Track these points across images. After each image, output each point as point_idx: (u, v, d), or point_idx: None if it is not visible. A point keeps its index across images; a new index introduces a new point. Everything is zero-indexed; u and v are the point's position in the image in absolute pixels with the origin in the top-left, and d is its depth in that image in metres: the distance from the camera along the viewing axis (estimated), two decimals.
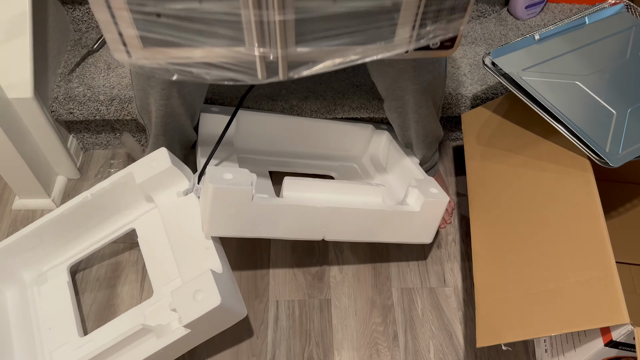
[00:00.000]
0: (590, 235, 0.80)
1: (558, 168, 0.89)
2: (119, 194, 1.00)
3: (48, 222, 0.97)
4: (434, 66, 0.92)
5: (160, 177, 0.96)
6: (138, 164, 0.97)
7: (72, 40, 1.25)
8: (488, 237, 0.94)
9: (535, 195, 0.90)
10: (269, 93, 1.18)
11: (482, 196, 1.00)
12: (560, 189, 0.87)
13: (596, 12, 1.05)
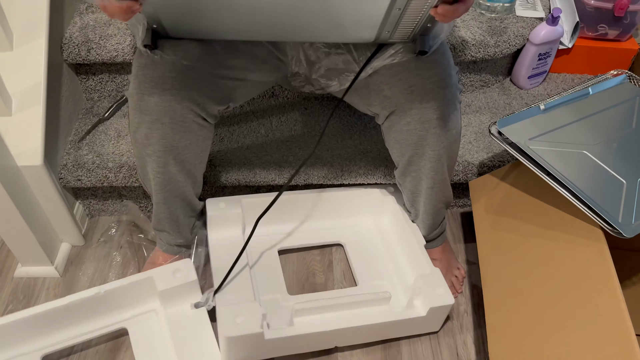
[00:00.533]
0: (608, 309, 0.77)
1: (570, 238, 0.88)
2: (130, 293, 1.01)
3: (53, 309, 0.95)
4: (452, 133, 0.93)
5: (181, 287, 0.99)
6: (161, 271, 1.01)
7: (84, 108, 1.27)
8: (501, 309, 0.91)
9: (548, 266, 0.88)
10: (277, 159, 1.19)
11: (494, 266, 0.98)
12: (574, 260, 0.85)
13: (599, 83, 1.07)
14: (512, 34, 1.24)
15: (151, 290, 1.01)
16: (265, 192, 1.26)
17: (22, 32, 1.08)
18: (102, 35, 1.16)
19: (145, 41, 0.82)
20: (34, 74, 1.06)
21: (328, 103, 1.32)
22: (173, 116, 0.88)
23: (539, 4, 1.32)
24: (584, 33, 1.34)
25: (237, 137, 1.23)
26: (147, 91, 0.87)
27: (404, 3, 0.71)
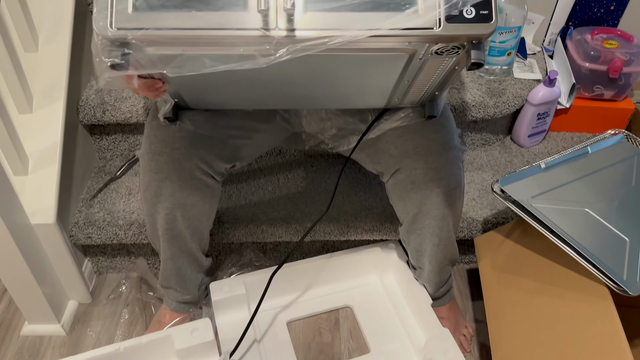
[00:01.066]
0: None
1: (577, 296, 0.88)
2: (149, 351, 1.02)
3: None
4: (456, 191, 0.95)
5: (199, 347, 1.00)
6: (179, 330, 1.02)
7: (97, 167, 1.31)
8: None
9: (556, 325, 0.88)
10: (283, 216, 1.21)
11: (502, 325, 0.97)
12: (582, 319, 0.85)
13: (598, 142, 1.10)
14: (510, 95, 1.28)
15: (169, 348, 1.02)
16: (271, 248, 1.27)
17: (42, 95, 1.13)
18: (117, 98, 1.21)
19: (167, 114, 0.87)
20: (51, 135, 1.10)
21: (334, 160, 1.36)
22: (181, 174, 0.92)
23: (536, 67, 1.38)
24: (581, 93, 1.38)
25: (245, 193, 1.26)
26: (157, 151, 0.91)
27: (412, 76, 0.75)
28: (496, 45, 1.27)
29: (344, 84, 0.79)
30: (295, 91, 0.82)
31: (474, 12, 0.63)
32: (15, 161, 1.04)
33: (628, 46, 1.33)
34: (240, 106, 0.91)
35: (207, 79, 0.76)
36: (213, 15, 0.61)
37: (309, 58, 0.67)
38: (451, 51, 0.66)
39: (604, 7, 1.42)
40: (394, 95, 0.85)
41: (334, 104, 0.92)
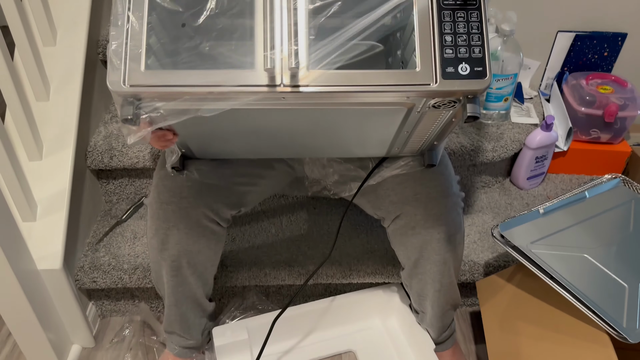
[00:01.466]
0: None
1: (577, 342, 0.89)
2: None
3: None
4: (456, 236, 0.97)
5: None
6: None
7: (103, 211, 1.33)
8: None
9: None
10: (286, 259, 1.22)
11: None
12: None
13: (595, 187, 1.12)
14: (508, 140, 1.31)
15: None
16: (274, 291, 1.28)
17: (52, 142, 1.16)
18: (124, 143, 1.25)
19: (174, 164, 0.90)
20: (59, 182, 1.12)
21: (336, 203, 1.38)
22: (188, 222, 0.94)
23: (533, 111, 1.41)
24: (578, 137, 1.41)
25: (248, 236, 1.28)
26: (165, 200, 0.93)
27: (411, 128, 0.79)
28: (493, 91, 1.31)
29: (346, 135, 0.82)
30: (298, 142, 0.85)
31: (469, 69, 0.66)
32: (25, 208, 1.07)
33: (622, 91, 1.37)
34: (245, 156, 0.94)
35: (214, 130, 0.79)
36: (221, 73, 0.65)
37: (312, 111, 0.70)
38: (448, 105, 0.69)
39: (598, 53, 1.47)
40: (393, 145, 0.87)
41: (335, 153, 0.95)
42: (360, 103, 0.69)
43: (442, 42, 0.67)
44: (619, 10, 1.41)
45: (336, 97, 0.67)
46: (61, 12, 1.26)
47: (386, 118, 0.75)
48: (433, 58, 0.66)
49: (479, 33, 0.67)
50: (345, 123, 0.77)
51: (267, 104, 0.68)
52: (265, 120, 0.76)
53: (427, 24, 0.67)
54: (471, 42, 0.67)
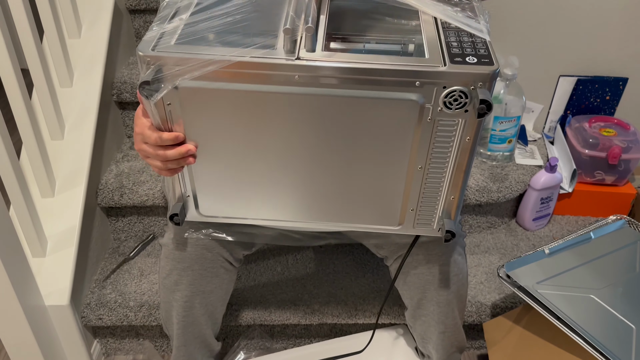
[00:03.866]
0: None
1: None
2: None
3: None
4: (459, 277, 0.97)
5: None
6: None
7: (111, 248, 1.34)
8: None
9: None
10: (292, 298, 1.22)
11: None
12: None
13: (600, 228, 1.13)
14: (513, 181, 1.33)
15: None
16: (279, 330, 1.27)
17: (65, 180, 1.19)
18: (135, 182, 1.27)
19: (174, 210, 0.85)
20: (70, 219, 1.14)
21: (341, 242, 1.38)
22: (203, 263, 0.94)
23: (537, 153, 1.43)
24: (583, 178, 1.42)
25: (254, 274, 1.28)
26: (182, 241, 0.94)
27: (425, 156, 0.76)
28: (497, 133, 1.33)
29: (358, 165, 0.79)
30: (310, 205, 0.84)
31: (476, 60, 0.68)
32: (35, 244, 1.08)
33: (625, 134, 1.38)
34: (252, 215, 0.88)
35: (228, 164, 0.79)
36: (243, 49, 0.69)
37: (324, 107, 0.71)
38: (459, 101, 0.69)
39: (600, 97, 1.49)
40: (407, 203, 0.82)
41: (344, 220, 0.87)
42: (372, 82, 0.69)
43: (449, 45, 0.70)
44: (619, 55, 1.45)
45: (347, 72, 0.68)
46: (78, 55, 1.32)
47: (398, 123, 0.73)
48: (440, 49, 0.69)
49: (482, 43, 0.71)
50: (357, 131, 0.75)
51: (282, 82, 0.69)
52: (277, 134, 0.76)
53: (435, 32, 0.72)
54: (476, 47, 0.70)
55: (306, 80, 0.69)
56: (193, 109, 0.73)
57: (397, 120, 0.73)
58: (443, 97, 0.69)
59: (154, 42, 0.70)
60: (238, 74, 0.69)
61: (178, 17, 0.75)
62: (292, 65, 0.68)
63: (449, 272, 0.95)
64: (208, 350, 1.07)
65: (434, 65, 0.67)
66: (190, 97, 0.72)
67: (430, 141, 0.75)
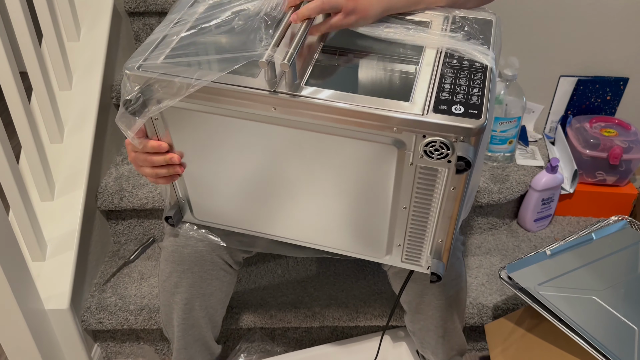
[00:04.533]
0: None
1: None
2: None
3: None
4: (457, 281, 0.96)
5: None
6: None
7: (111, 251, 1.34)
8: None
9: None
10: (292, 300, 1.21)
11: None
12: None
13: (602, 229, 1.12)
14: (514, 182, 1.32)
15: None
16: (280, 333, 1.27)
17: (64, 183, 1.19)
18: (135, 185, 1.27)
19: (169, 213, 0.87)
20: (70, 222, 1.14)
21: None
22: (203, 265, 0.94)
23: (538, 153, 1.43)
24: (584, 179, 1.42)
25: (255, 277, 1.28)
26: (182, 244, 0.94)
27: (408, 197, 0.73)
28: (497, 134, 1.33)
29: (341, 197, 0.77)
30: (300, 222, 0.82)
31: (463, 110, 0.64)
32: (35, 248, 1.08)
33: (626, 134, 1.38)
34: (244, 226, 0.88)
35: (214, 171, 0.79)
36: (227, 75, 0.68)
37: (302, 138, 0.70)
38: (440, 152, 0.66)
39: (601, 97, 1.49)
40: (393, 238, 0.80)
41: (331, 244, 0.85)
42: (349, 124, 0.67)
43: (440, 88, 0.67)
44: (619, 55, 1.44)
45: (324, 111, 0.66)
46: (78, 58, 1.31)
47: (378, 164, 0.71)
48: (428, 95, 0.66)
49: (479, 87, 0.67)
50: (338, 166, 0.73)
51: (260, 111, 0.69)
52: (258, 157, 0.75)
53: (429, 74, 0.69)
54: (470, 92, 0.66)
55: (284, 112, 0.68)
56: (177, 126, 0.74)
57: (377, 161, 0.70)
58: (423, 145, 0.66)
59: (141, 60, 0.71)
60: (218, 99, 0.69)
61: (174, 33, 0.76)
62: (269, 98, 0.67)
63: (446, 277, 0.94)
64: (208, 353, 1.06)
65: (413, 113, 0.64)
66: (174, 116, 0.73)
67: (413, 185, 0.71)
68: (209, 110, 0.71)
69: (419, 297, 0.97)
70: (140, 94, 0.70)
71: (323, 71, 0.72)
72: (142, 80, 0.69)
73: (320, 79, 0.70)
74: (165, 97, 0.70)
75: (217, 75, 0.68)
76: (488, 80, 0.68)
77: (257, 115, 0.69)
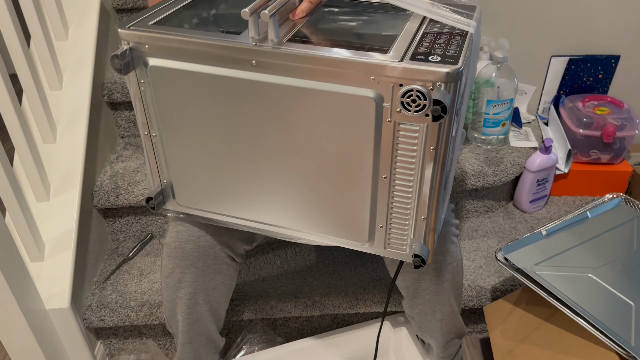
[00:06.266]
0: None
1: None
2: None
3: None
4: (453, 265, 0.97)
5: None
6: None
7: (110, 249, 1.34)
8: None
9: None
10: (292, 290, 1.22)
11: None
12: None
13: (597, 207, 1.13)
14: (508, 164, 1.32)
15: None
16: (281, 323, 1.28)
17: (59, 183, 1.19)
18: (130, 182, 1.27)
19: (150, 195, 0.86)
20: (67, 222, 1.14)
21: None
22: (206, 260, 0.94)
23: (531, 135, 1.43)
24: (578, 158, 1.42)
25: (254, 269, 1.28)
26: (184, 239, 0.94)
27: (389, 164, 0.72)
28: (490, 116, 1.33)
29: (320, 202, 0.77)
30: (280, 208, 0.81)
31: (440, 59, 0.64)
32: (33, 248, 1.08)
33: (619, 112, 1.38)
34: (225, 212, 0.87)
35: (197, 146, 0.80)
36: (215, 33, 0.71)
37: (283, 96, 0.70)
38: (417, 103, 0.64)
39: (593, 75, 1.49)
40: (375, 217, 0.78)
41: (313, 229, 0.83)
42: (328, 74, 0.67)
43: (420, 44, 0.68)
44: (610, 33, 1.44)
45: (300, 61, 0.67)
46: (67, 57, 1.31)
47: (356, 120, 0.69)
48: (407, 49, 0.66)
49: (458, 45, 0.68)
50: (318, 127, 0.72)
51: (241, 68, 0.70)
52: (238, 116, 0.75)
53: (411, 34, 0.71)
54: (449, 47, 0.67)
55: (263, 66, 0.69)
56: (163, 88, 0.76)
57: (356, 117, 0.69)
58: (400, 96, 0.64)
59: (133, 21, 0.74)
60: (202, 54, 0.71)
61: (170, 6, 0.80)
62: (248, 50, 0.68)
63: (442, 261, 0.95)
64: (213, 346, 1.07)
65: (389, 61, 0.63)
66: (159, 76, 0.74)
67: (393, 147, 0.70)
68: (193, 69, 0.72)
69: (415, 282, 0.97)
70: (129, 51, 0.73)
71: (306, 34, 0.74)
72: (132, 37, 0.72)
73: (302, 39, 0.71)
74: (152, 55, 0.73)
75: (202, 34, 0.70)
76: (468, 42, 0.69)
77: (238, 72, 0.71)
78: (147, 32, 0.72)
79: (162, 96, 0.76)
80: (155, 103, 0.77)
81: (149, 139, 0.82)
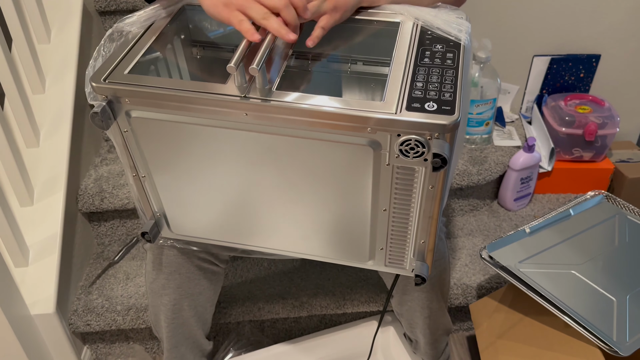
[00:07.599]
0: None
1: (571, 359, 0.89)
2: None
3: None
4: (440, 262, 0.98)
5: None
6: None
7: (95, 253, 1.34)
8: None
9: None
10: (280, 292, 1.22)
11: None
12: None
13: (579, 204, 1.14)
14: (492, 162, 1.34)
15: None
16: (269, 325, 1.28)
17: (43, 187, 1.18)
18: (115, 185, 1.26)
19: (145, 229, 0.83)
20: (51, 226, 1.13)
21: None
22: (190, 266, 0.94)
23: (515, 134, 1.44)
24: (561, 156, 1.44)
25: (241, 271, 1.28)
26: (167, 245, 0.94)
27: (388, 198, 0.72)
28: (474, 116, 1.34)
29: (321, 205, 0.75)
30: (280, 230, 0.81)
31: (436, 107, 0.63)
32: (17, 254, 1.07)
33: (600, 110, 1.40)
34: (222, 238, 0.86)
35: (190, 179, 0.77)
36: (195, 83, 0.67)
37: (276, 143, 0.68)
38: (416, 150, 0.65)
39: (574, 75, 1.51)
40: (375, 242, 0.79)
41: (313, 251, 0.84)
42: (322, 127, 0.65)
43: (413, 85, 0.66)
44: (590, 32, 1.46)
45: (296, 114, 0.64)
46: (49, 61, 1.30)
47: (355, 166, 0.69)
48: (400, 94, 0.65)
49: (451, 84, 0.66)
50: (314, 171, 0.71)
51: (231, 118, 0.67)
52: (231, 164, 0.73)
53: (401, 72, 0.68)
54: (443, 88, 0.66)
55: (256, 118, 0.66)
56: (148, 138, 0.72)
57: (353, 163, 0.69)
58: (398, 144, 0.64)
59: (108, 71, 0.68)
60: (188, 107, 0.67)
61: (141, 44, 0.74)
62: (240, 103, 0.65)
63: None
64: (199, 350, 1.07)
65: (386, 112, 0.62)
66: (143, 127, 0.70)
67: (391, 186, 0.70)
68: (179, 120, 0.69)
69: (404, 278, 0.98)
70: (107, 105, 0.67)
71: (294, 76, 0.70)
72: (109, 91, 0.67)
73: (291, 83, 0.68)
74: (133, 108, 0.68)
75: (185, 84, 0.66)
76: (460, 76, 0.68)
77: (229, 123, 0.68)
78: (125, 86, 0.67)
79: (149, 144, 0.73)
80: (142, 150, 0.74)
81: (137, 180, 0.79)
